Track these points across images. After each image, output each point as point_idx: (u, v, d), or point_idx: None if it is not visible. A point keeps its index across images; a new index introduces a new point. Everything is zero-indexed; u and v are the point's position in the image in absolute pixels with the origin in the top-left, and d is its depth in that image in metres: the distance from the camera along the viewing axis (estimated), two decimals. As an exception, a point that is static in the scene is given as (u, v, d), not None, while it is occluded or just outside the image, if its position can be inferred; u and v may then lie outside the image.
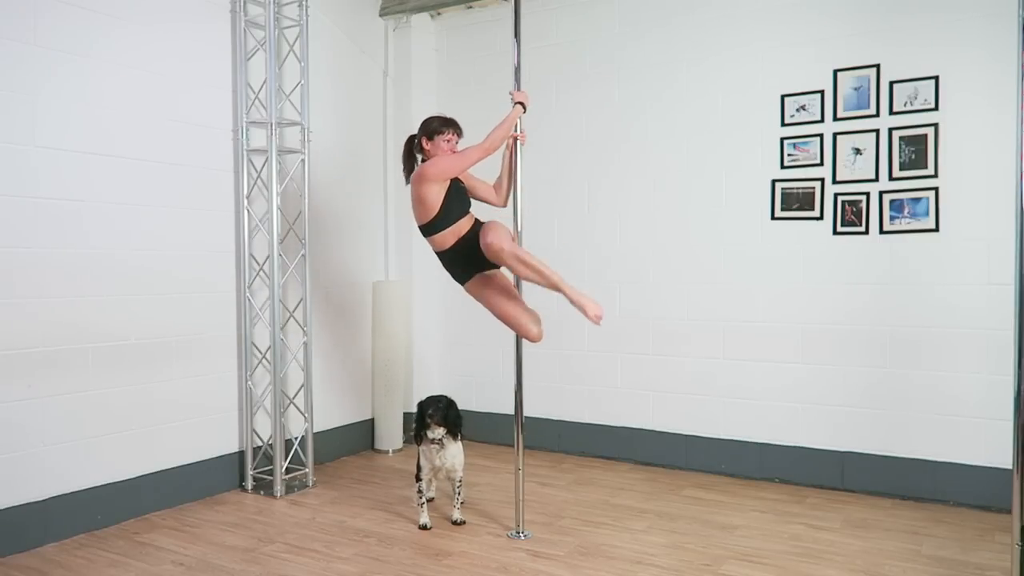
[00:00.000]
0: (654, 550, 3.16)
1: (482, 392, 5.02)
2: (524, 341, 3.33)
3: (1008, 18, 3.15)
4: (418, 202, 3.17)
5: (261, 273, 4.09)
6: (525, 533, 3.35)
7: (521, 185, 3.39)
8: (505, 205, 3.49)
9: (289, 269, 4.14)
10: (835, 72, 3.90)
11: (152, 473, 3.64)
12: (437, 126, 3.24)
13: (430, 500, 3.69)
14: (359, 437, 4.87)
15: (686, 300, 4.35)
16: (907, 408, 3.78)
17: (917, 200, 3.73)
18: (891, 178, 3.78)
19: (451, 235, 3.19)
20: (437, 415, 3.41)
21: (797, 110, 4.00)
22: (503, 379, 4.88)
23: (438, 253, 3.27)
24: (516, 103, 3.32)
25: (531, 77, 4.37)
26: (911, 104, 3.73)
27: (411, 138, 3.37)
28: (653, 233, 4.44)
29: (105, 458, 3.45)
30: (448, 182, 3.17)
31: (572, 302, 3.06)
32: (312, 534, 3.39)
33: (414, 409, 4.94)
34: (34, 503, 3.19)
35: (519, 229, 3.35)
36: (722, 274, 4.24)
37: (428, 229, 3.21)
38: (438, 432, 3.43)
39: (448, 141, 3.23)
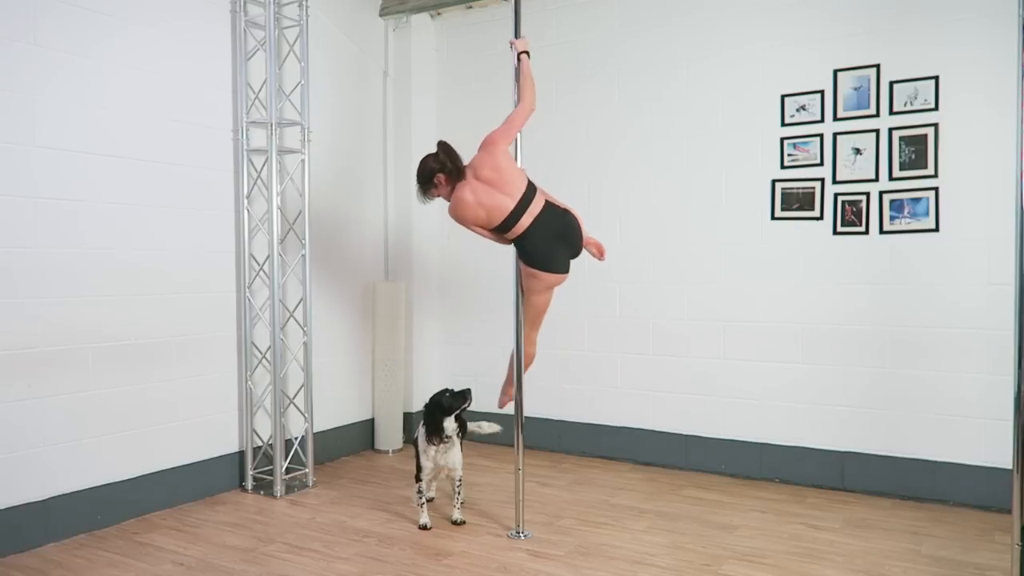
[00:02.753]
0: (654, 550, 3.16)
1: (482, 392, 5.01)
2: (524, 341, 3.40)
3: (1008, 18, 3.15)
4: (496, 169, 3.08)
5: (261, 273, 4.09)
6: (525, 533, 3.35)
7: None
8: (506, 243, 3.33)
9: (289, 269, 4.14)
10: (835, 72, 3.90)
11: (152, 473, 3.64)
12: (431, 171, 3.15)
13: (430, 500, 3.69)
14: (359, 437, 4.87)
15: (686, 300, 4.35)
16: (907, 408, 3.78)
17: (917, 200, 3.73)
18: (891, 178, 3.78)
19: (541, 196, 3.18)
20: (456, 403, 3.42)
21: (797, 110, 4.00)
22: (503, 379, 4.87)
23: (529, 227, 3.08)
24: (520, 52, 3.31)
25: (531, 77, 4.36)
26: (911, 104, 3.73)
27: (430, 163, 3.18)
28: (653, 233, 4.44)
29: (105, 458, 3.45)
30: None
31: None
32: (312, 534, 3.39)
33: (414, 409, 4.99)
34: (34, 503, 3.19)
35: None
36: (722, 274, 4.24)
37: (527, 195, 3.08)
38: (451, 427, 3.42)
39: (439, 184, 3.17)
